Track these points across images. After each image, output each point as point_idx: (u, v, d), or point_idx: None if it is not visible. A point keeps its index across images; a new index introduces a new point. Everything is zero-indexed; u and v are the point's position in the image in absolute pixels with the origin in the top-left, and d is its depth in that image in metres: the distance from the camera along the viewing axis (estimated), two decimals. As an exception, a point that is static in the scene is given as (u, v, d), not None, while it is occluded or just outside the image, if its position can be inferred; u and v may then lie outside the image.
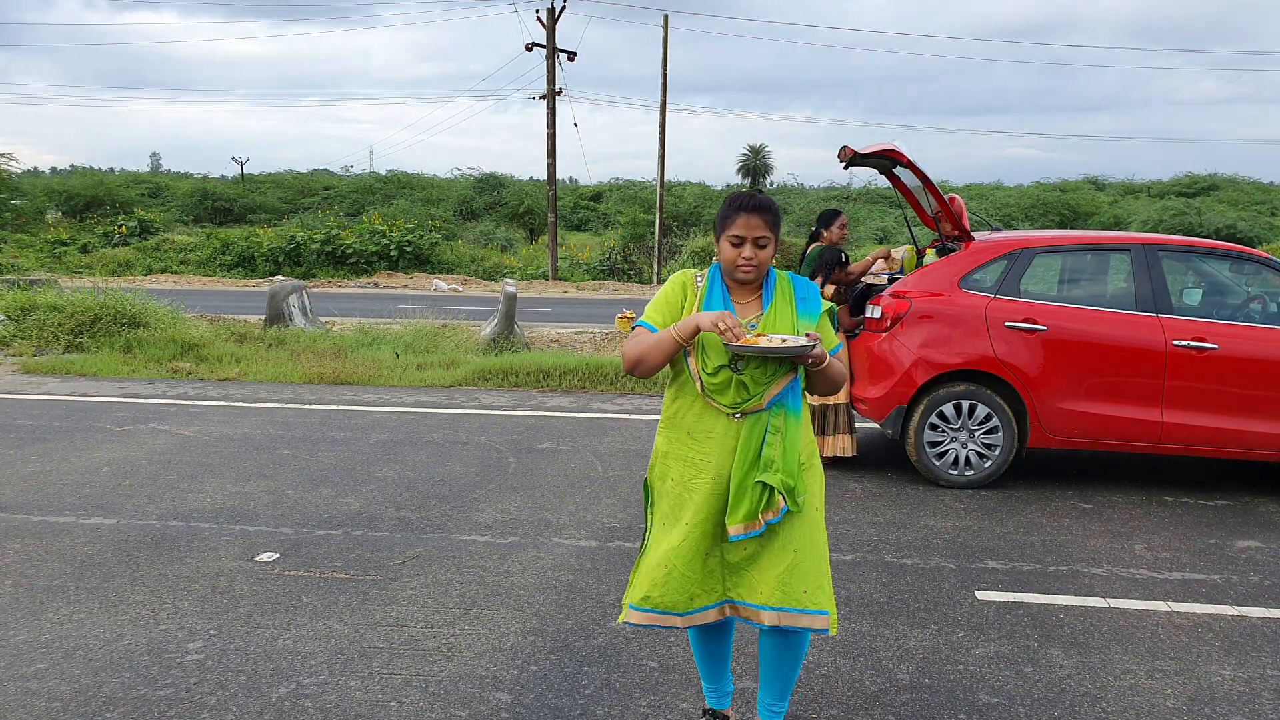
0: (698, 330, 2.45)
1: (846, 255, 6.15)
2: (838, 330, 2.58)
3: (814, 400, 5.80)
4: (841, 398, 6.01)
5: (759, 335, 2.44)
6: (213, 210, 35.02)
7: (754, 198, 2.50)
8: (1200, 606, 3.98)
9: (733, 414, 2.48)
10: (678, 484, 2.56)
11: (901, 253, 6.75)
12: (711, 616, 2.58)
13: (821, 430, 6.00)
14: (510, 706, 3.06)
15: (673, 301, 2.58)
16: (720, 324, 2.35)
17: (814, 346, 2.38)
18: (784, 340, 2.40)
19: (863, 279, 6.55)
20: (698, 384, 2.50)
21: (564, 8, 25.20)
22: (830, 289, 6.06)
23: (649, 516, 2.67)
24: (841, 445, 6.04)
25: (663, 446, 2.63)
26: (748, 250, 2.50)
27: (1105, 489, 5.73)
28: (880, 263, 6.56)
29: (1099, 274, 6.01)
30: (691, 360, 2.52)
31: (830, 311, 2.64)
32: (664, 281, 2.76)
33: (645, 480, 2.70)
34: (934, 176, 5.80)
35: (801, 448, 2.55)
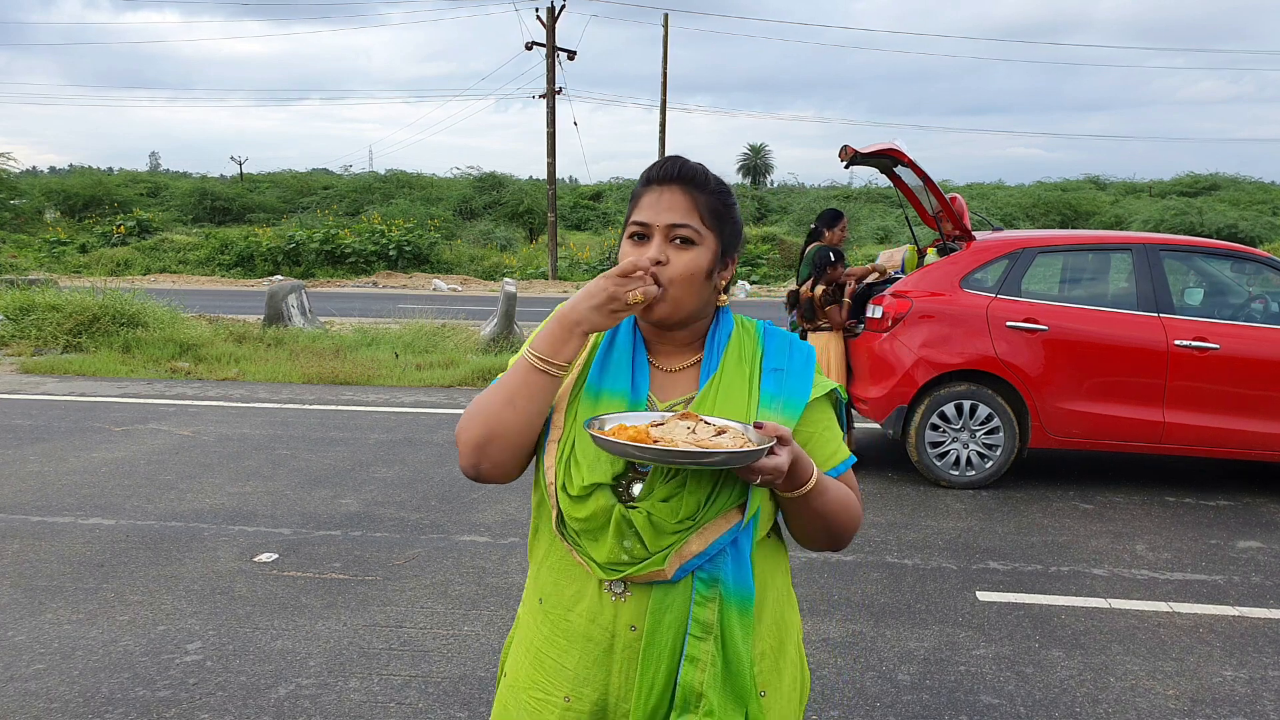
0: (580, 325, 1.26)
1: (836, 254, 6.10)
2: (848, 428, 1.44)
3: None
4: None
5: (679, 416, 1.24)
6: (211, 210, 34.94)
7: (675, 162, 1.33)
8: (1202, 607, 3.97)
9: (606, 585, 1.28)
10: (515, 691, 1.39)
11: (902, 253, 6.74)
12: None
13: None
14: (510, 708, 3.04)
15: None
16: (614, 284, 1.24)
17: (765, 451, 1.17)
18: (719, 432, 1.19)
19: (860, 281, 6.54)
20: (554, 512, 1.31)
21: (564, 7, 25.18)
22: (820, 289, 6.04)
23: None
24: None
25: (521, 608, 1.46)
26: (655, 248, 1.29)
27: (1106, 489, 5.72)
28: (874, 276, 6.56)
29: (1100, 274, 6.01)
30: (549, 460, 1.31)
31: (834, 397, 1.42)
32: None
33: (504, 650, 1.50)
34: (935, 176, 5.80)
35: (759, 659, 1.32)
